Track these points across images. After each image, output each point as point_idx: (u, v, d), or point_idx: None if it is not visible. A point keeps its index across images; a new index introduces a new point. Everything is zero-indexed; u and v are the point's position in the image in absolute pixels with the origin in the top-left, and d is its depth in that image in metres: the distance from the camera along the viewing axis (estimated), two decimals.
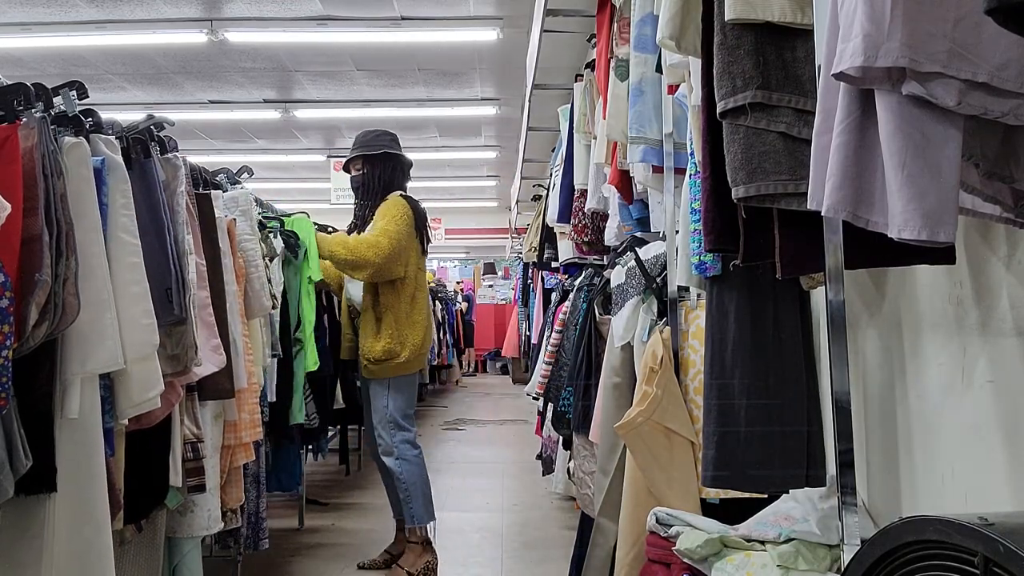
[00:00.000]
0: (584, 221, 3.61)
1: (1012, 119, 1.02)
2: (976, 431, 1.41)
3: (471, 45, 6.74)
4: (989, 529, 0.79)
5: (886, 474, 1.74)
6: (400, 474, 3.51)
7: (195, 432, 2.39)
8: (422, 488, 3.53)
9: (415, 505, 3.50)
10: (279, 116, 8.76)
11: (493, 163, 11.46)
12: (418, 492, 3.51)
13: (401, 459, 3.50)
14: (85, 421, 1.82)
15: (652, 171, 2.44)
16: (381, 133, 3.78)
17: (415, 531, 3.52)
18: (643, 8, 2.35)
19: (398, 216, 3.53)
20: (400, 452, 3.50)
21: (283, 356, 3.36)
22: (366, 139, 3.75)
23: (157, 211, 2.08)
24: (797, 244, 1.42)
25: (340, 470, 5.44)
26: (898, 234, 1.03)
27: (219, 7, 5.95)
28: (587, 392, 2.98)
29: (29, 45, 6.54)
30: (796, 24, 1.37)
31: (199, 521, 2.52)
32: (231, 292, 2.60)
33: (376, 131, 3.79)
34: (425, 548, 3.53)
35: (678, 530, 1.80)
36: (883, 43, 0.98)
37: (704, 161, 1.57)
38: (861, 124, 1.09)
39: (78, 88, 1.97)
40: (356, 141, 3.78)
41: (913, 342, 1.62)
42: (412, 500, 3.50)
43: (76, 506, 1.80)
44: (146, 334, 1.91)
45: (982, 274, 1.39)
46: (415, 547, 3.52)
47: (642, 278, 2.53)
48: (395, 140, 3.79)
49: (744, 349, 1.85)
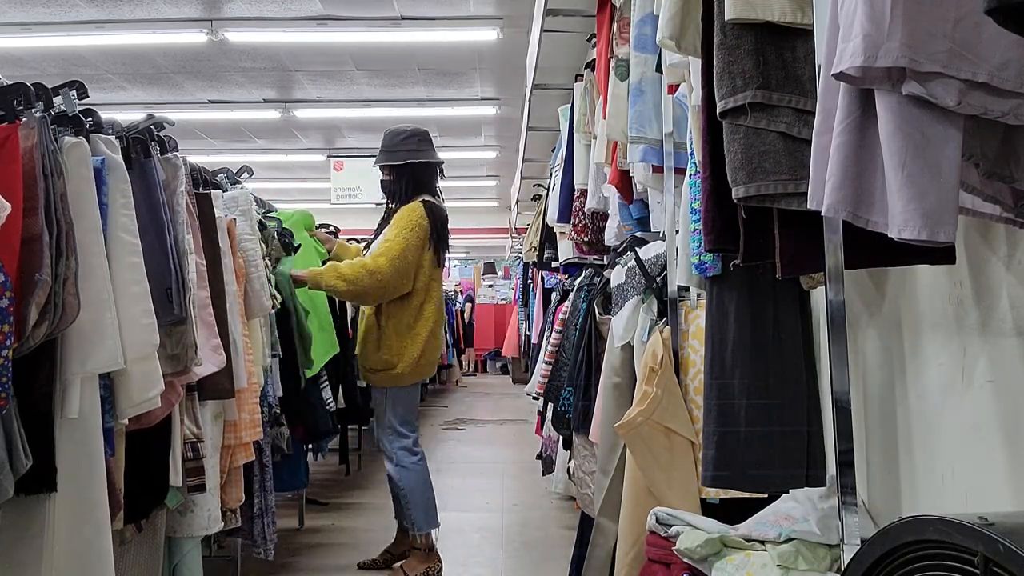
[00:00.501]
0: (584, 221, 3.61)
1: (1012, 119, 1.02)
2: (976, 431, 1.41)
3: (471, 45, 6.74)
4: (989, 529, 0.79)
5: (886, 474, 1.74)
6: (398, 480, 3.49)
7: (195, 432, 2.39)
8: (422, 495, 3.51)
9: (415, 512, 3.49)
10: (279, 116, 8.76)
11: (493, 163, 11.46)
12: (417, 499, 3.49)
13: (399, 466, 3.49)
14: (85, 421, 1.82)
15: (652, 171, 2.44)
16: (407, 136, 3.59)
17: (416, 537, 3.52)
18: (643, 8, 2.35)
19: (409, 228, 3.41)
20: (399, 459, 3.49)
21: (283, 356, 3.36)
22: (392, 144, 3.58)
23: (157, 211, 2.08)
24: (797, 244, 1.42)
25: (340, 470, 5.44)
26: (898, 234, 1.03)
27: (219, 7, 5.95)
28: (587, 392, 2.98)
29: (29, 45, 6.53)
30: (796, 24, 1.37)
31: (199, 521, 2.53)
32: (231, 292, 2.61)
33: (403, 133, 3.61)
34: (428, 554, 3.52)
35: (678, 530, 1.80)
36: (883, 43, 0.98)
37: (704, 161, 1.57)
38: (861, 124, 1.09)
39: (78, 88, 1.97)
40: (383, 141, 3.62)
41: (913, 342, 1.62)
42: (411, 507, 3.50)
43: (76, 506, 1.80)
44: (146, 334, 1.92)
45: (982, 274, 1.39)
46: (418, 553, 3.52)
47: (642, 278, 2.53)
48: (423, 141, 3.61)
49: (744, 349, 1.85)
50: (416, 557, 3.51)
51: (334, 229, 4.71)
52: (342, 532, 4.21)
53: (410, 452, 3.51)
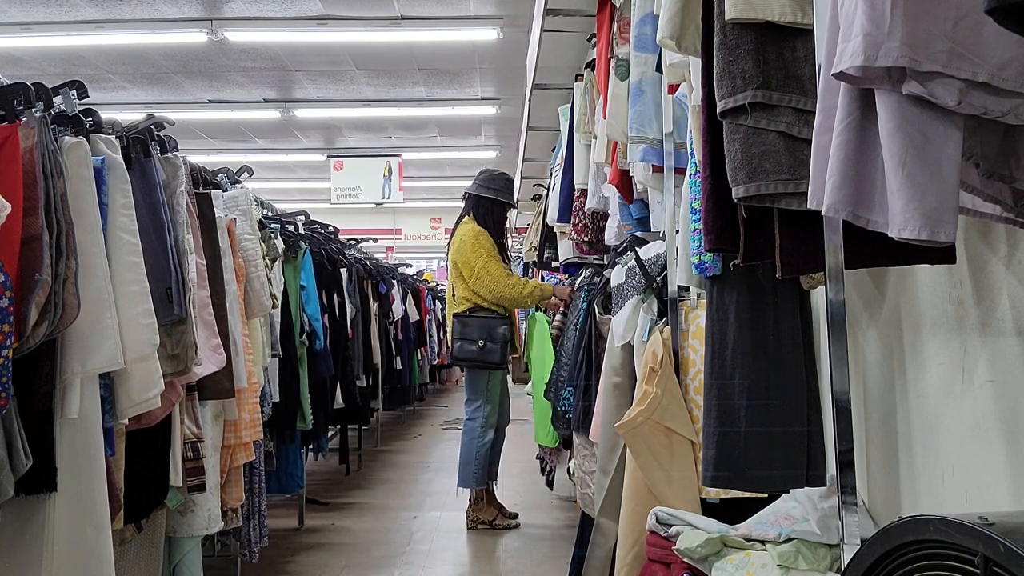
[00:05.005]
0: (584, 221, 3.61)
1: (1012, 119, 1.01)
2: (976, 431, 1.41)
3: (471, 45, 6.73)
4: (989, 529, 0.79)
5: (886, 474, 1.74)
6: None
7: (195, 432, 2.39)
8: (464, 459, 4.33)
9: (458, 471, 4.36)
10: (279, 116, 8.76)
11: (493, 163, 11.44)
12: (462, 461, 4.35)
13: (463, 432, 4.40)
14: (85, 421, 1.82)
15: (652, 171, 2.44)
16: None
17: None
18: (643, 8, 2.35)
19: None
20: (464, 425, 4.41)
21: (283, 356, 3.36)
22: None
23: (157, 211, 2.08)
24: (797, 244, 1.42)
25: (340, 470, 5.43)
26: (898, 234, 1.03)
27: (219, 7, 5.95)
28: (587, 392, 2.98)
29: (29, 45, 6.54)
30: (796, 23, 1.37)
31: (199, 521, 2.52)
32: (231, 292, 2.61)
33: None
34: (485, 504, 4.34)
35: (678, 530, 1.80)
36: (883, 43, 0.98)
37: (704, 161, 1.57)
38: (861, 124, 1.08)
39: (78, 88, 1.97)
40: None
41: (913, 342, 1.62)
42: (460, 467, 4.35)
43: (76, 506, 1.80)
44: (146, 334, 1.91)
45: (982, 274, 1.39)
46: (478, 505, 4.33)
47: (642, 278, 2.53)
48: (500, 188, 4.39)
49: (744, 349, 1.85)
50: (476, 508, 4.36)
51: (334, 229, 4.71)
52: (342, 532, 4.21)
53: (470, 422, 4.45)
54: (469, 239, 4.17)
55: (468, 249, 4.14)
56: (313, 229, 4.31)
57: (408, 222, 16.79)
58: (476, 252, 4.13)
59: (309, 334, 3.83)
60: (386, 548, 3.89)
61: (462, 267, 4.17)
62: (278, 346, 3.29)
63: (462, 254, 4.17)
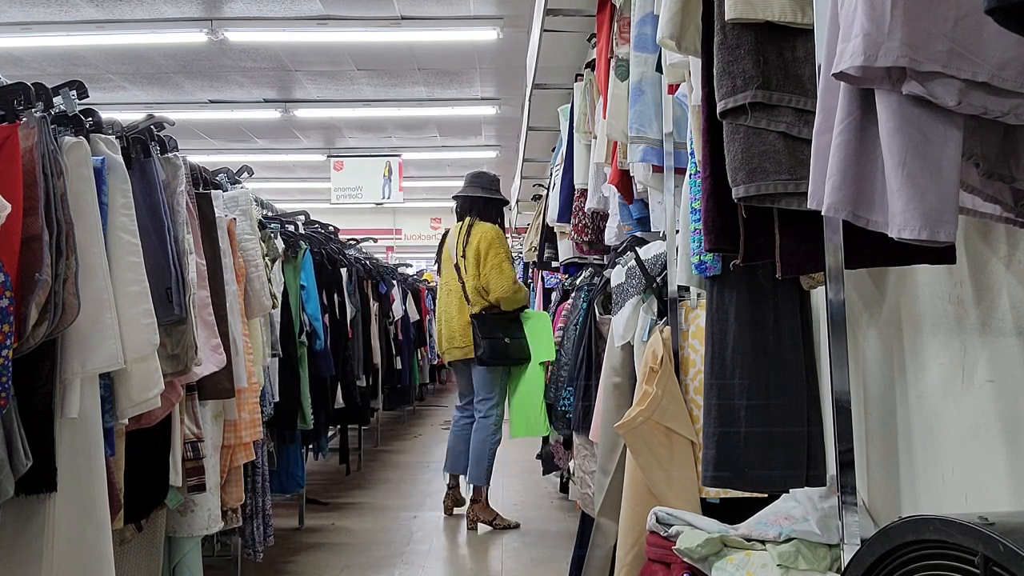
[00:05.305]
0: (584, 221, 3.61)
1: (1012, 119, 1.01)
2: (976, 431, 1.41)
3: (471, 45, 6.73)
4: (989, 529, 0.79)
5: (886, 474, 1.74)
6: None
7: (195, 432, 2.39)
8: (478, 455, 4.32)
9: (470, 467, 4.32)
10: (279, 116, 8.76)
11: (493, 163, 11.45)
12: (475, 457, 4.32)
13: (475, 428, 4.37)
14: (85, 421, 1.82)
15: (652, 171, 2.44)
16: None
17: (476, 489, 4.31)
18: (643, 8, 2.35)
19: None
20: (477, 423, 4.37)
21: (283, 356, 3.36)
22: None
23: (157, 211, 2.08)
24: (797, 244, 1.42)
25: (340, 470, 5.43)
26: (898, 234, 1.03)
27: (219, 7, 5.95)
28: (587, 392, 2.98)
29: (29, 45, 6.53)
30: (796, 24, 1.37)
31: (199, 521, 2.52)
32: (231, 292, 2.60)
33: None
34: (486, 503, 4.31)
35: (678, 529, 1.80)
36: (883, 43, 0.98)
37: (704, 161, 1.57)
38: (861, 124, 1.08)
39: (78, 88, 1.97)
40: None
41: (913, 342, 1.62)
42: (472, 464, 4.32)
43: (76, 506, 1.80)
44: (146, 334, 1.91)
45: (982, 274, 1.39)
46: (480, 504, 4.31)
47: (642, 278, 2.53)
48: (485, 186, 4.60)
49: (744, 349, 1.85)
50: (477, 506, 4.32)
51: (334, 229, 4.71)
52: (342, 532, 4.21)
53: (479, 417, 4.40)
54: (497, 237, 4.37)
55: (497, 244, 4.33)
56: (313, 229, 4.31)
57: (408, 222, 16.79)
58: (502, 248, 4.33)
59: (309, 334, 3.83)
60: (386, 548, 3.89)
61: (485, 255, 4.27)
62: (278, 346, 3.29)
63: (492, 247, 4.30)
